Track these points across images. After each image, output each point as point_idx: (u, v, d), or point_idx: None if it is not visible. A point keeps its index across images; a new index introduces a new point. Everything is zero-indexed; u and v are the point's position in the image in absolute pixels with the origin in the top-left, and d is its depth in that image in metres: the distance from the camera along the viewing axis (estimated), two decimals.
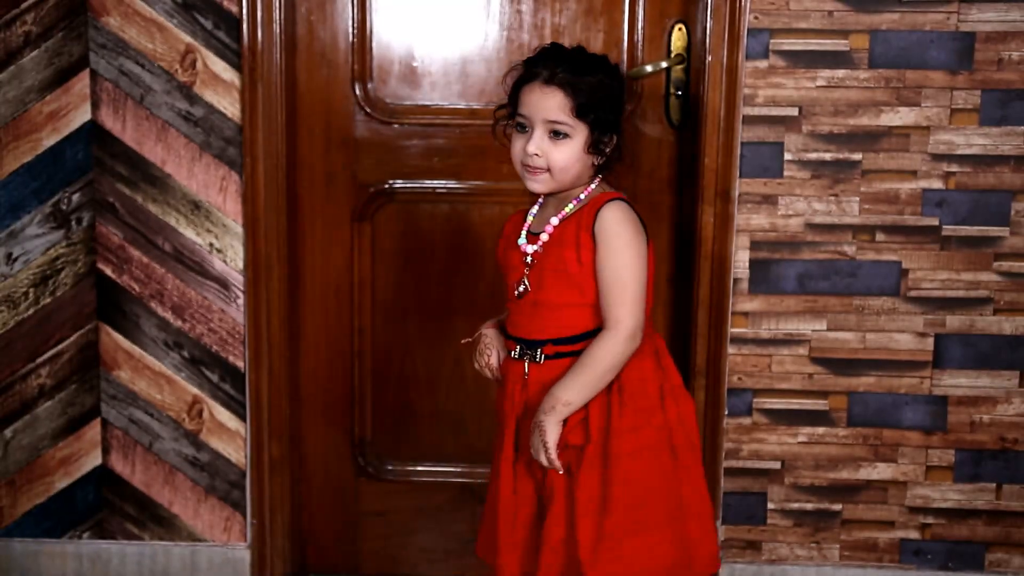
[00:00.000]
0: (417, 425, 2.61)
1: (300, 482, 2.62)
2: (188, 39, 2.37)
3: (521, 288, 1.87)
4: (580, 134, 1.81)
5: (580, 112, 1.80)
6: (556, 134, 1.81)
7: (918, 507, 2.47)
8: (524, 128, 1.84)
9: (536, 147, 1.81)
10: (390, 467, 2.63)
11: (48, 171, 2.41)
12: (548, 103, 1.80)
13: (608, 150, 1.84)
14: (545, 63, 1.83)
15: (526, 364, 1.86)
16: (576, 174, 1.84)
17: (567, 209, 1.86)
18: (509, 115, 1.88)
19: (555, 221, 1.86)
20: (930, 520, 2.48)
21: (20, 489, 2.52)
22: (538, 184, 1.85)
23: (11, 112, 2.38)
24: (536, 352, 1.85)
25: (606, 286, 1.80)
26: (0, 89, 2.37)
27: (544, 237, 1.86)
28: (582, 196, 1.87)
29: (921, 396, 2.43)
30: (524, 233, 1.90)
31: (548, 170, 1.82)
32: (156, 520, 2.54)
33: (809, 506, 2.48)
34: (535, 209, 1.93)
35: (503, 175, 2.37)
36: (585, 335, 1.83)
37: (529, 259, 1.87)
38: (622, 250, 1.80)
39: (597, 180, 1.88)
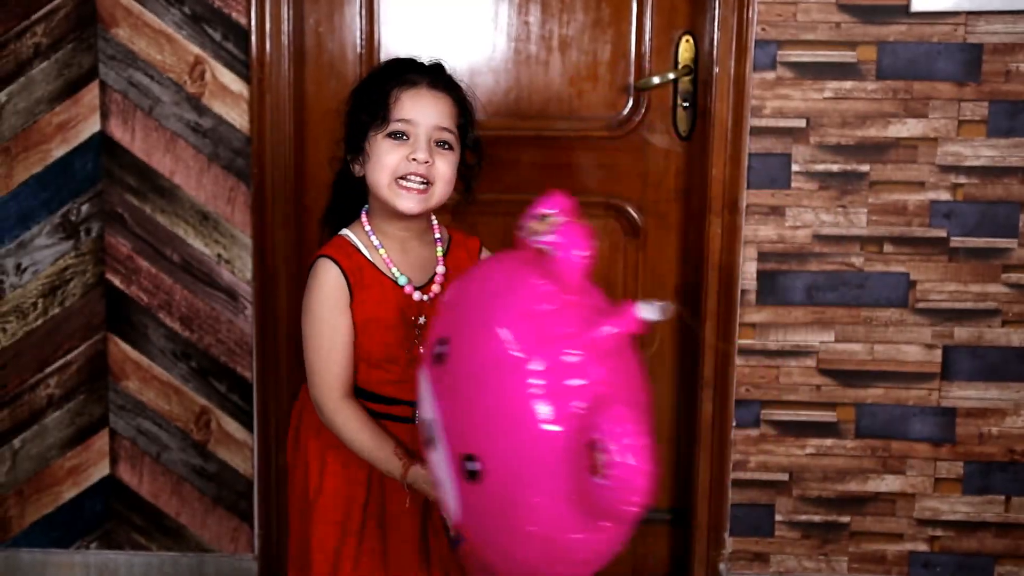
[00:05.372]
0: None
1: None
2: (197, 50, 2.38)
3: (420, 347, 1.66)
4: (457, 151, 1.69)
5: (461, 126, 1.68)
6: (442, 144, 1.66)
7: (927, 519, 2.46)
8: (402, 136, 1.66)
9: (426, 154, 1.64)
10: None
11: (57, 182, 2.42)
12: (439, 108, 1.66)
13: (472, 177, 1.73)
14: (418, 70, 1.69)
15: None
16: (446, 197, 1.69)
17: (439, 252, 1.74)
18: (374, 121, 1.67)
19: (441, 269, 1.72)
20: (939, 532, 2.47)
21: (28, 499, 2.53)
22: (415, 202, 1.65)
23: (21, 123, 2.39)
24: None
25: None
26: (10, 100, 2.39)
27: (436, 288, 1.70)
28: (438, 235, 1.76)
29: (929, 408, 2.42)
30: (401, 277, 1.69)
31: (430, 185, 1.66)
32: (163, 530, 2.54)
33: (817, 518, 2.47)
34: (383, 252, 1.71)
35: (509, 187, 2.37)
36: None
37: (421, 318, 1.68)
38: None
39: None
